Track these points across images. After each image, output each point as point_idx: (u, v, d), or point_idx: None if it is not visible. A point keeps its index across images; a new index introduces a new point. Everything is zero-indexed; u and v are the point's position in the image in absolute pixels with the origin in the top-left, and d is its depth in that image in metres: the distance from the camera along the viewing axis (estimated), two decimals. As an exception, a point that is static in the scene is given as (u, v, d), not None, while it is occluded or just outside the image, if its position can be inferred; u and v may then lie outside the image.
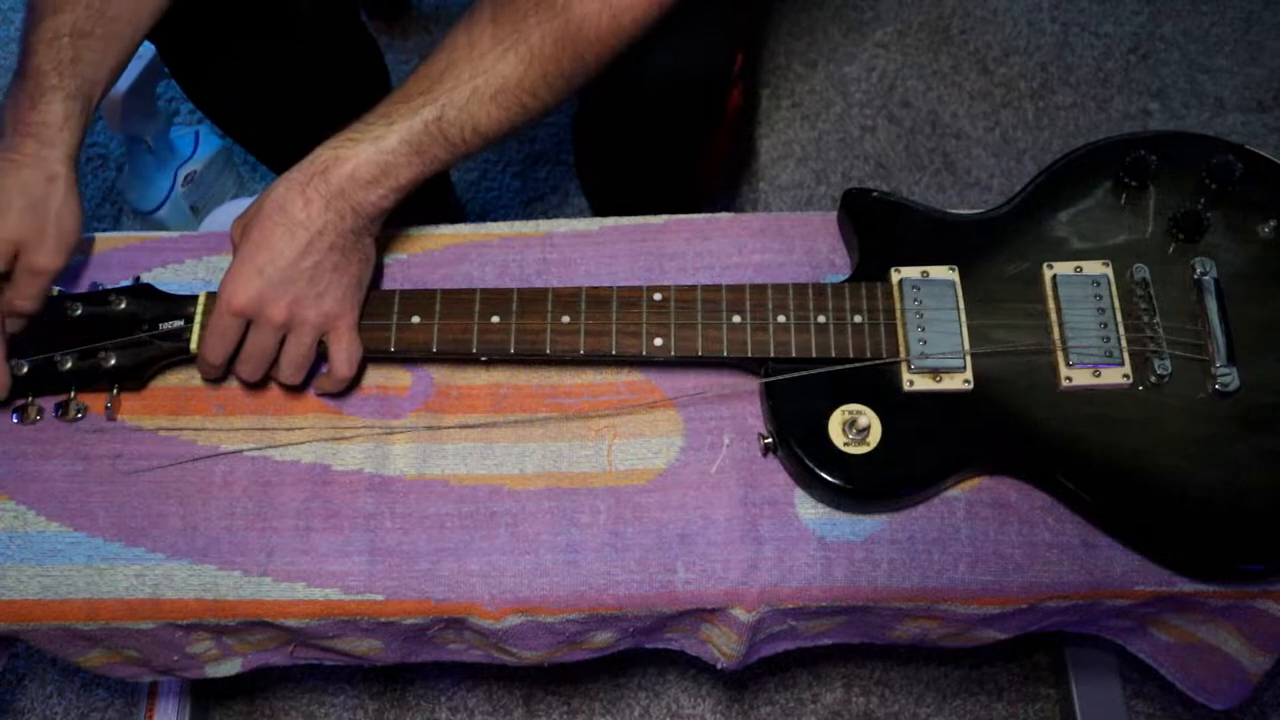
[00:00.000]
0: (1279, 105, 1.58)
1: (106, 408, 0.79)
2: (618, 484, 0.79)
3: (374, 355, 0.79)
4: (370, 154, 0.72)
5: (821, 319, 0.77)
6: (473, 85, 0.73)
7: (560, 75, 0.75)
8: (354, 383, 0.81)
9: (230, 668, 0.86)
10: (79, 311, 0.78)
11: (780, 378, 0.76)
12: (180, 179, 1.42)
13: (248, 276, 0.72)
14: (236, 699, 1.24)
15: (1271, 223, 0.79)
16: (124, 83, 1.27)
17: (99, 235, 0.89)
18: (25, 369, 0.77)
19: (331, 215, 0.72)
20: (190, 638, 0.80)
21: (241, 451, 0.80)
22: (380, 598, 0.75)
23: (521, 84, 0.74)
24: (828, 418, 0.75)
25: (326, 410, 0.82)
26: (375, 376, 0.83)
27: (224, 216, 1.43)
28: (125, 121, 1.31)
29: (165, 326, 0.78)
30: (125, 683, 1.24)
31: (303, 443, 0.80)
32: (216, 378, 0.80)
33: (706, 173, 1.11)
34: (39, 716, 1.25)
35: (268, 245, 0.72)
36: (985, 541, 0.76)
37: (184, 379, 0.83)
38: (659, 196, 1.02)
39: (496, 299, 0.78)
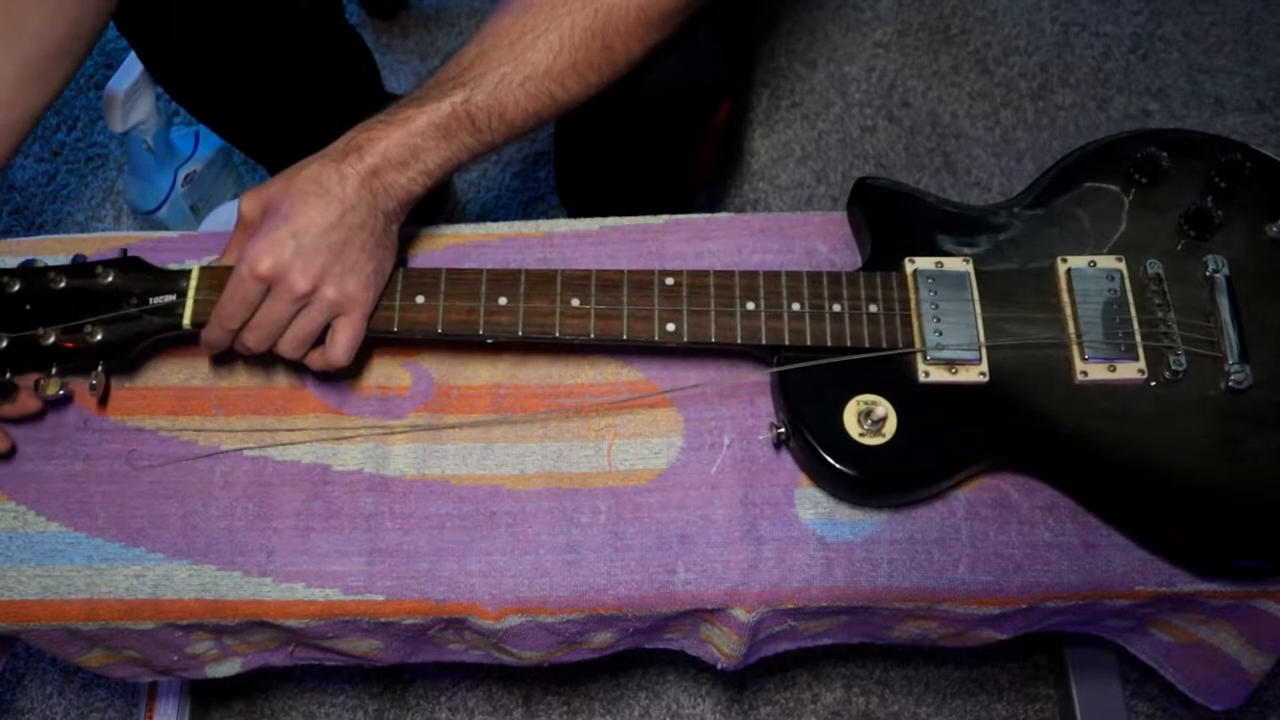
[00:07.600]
0: (1279, 105, 1.58)
1: (91, 386, 0.75)
2: (618, 484, 0.79)
3: (377, 335, 0.77)
4: (400, 136, 0.73)
5: (836, 308, 0.76)
6: (501, 71, 0.74)
7: (589, 65, 0.76)
8: (343, 374, 0.80)
9: (230, 668, 0.86)
10: (62, 284, 0.75)
11: (793, 366, 0.75)
12: (180, 179, 1.42)
13: (278, 241, 0.71)
14: (236, 699, 1.24)
15: (1280, 222, 0.79)
16: (124, 82, 1.27)
17: (99, 235, 0.89)
18: (4, 343, 0.74)
19: (365, 193, 0.73)
20: (190, 638, 0.80)
21: (241, 451, 0.80)
22: (380, 598, 0.75)
23: (550, 72, 0.75)
24: (842, 408, 0.74)
25: (326, 410, 0.82)
26: (375, 377, 0.83)
27: (224, 216, 1.43)
28: (125, 121, 1.31)
29: (156, 301, 0.75)
30: (125, 683, 1.24)
31: (303, 443, 0.80)
32: (219, 351, 0.77)
33: (688, 186, 1.11)
34: (39, 716, 1.25)
35: (301, 214, 0.71)
36: (985, 542, 0.76)
37: (184, 379, 0.83)
38: (640, 209, 1.01)
39: (504, 280, 0.77)
